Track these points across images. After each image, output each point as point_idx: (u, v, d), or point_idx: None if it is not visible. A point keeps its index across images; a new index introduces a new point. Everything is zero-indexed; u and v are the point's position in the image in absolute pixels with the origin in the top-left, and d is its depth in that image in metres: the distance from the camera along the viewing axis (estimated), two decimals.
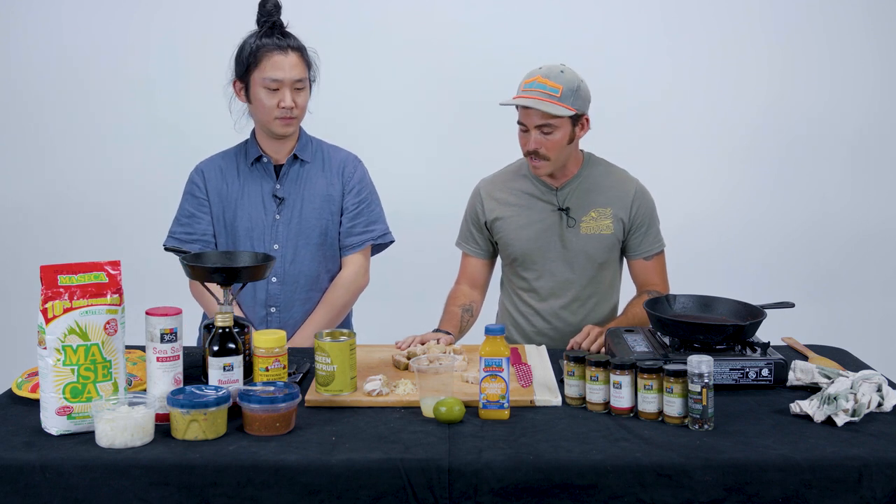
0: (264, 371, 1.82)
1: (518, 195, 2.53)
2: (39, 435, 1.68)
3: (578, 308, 2.51)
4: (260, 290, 2.44)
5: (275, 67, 2.33)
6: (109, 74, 3.60)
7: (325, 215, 2.47)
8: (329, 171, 2.50)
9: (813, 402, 1.76)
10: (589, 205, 2.47)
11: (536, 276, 2.52)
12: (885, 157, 3.72)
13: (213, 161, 2.51)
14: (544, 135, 2.35)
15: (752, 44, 3.63)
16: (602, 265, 2.49)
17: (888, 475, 1.55)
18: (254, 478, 1.54)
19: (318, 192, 2.47)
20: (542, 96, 2.31)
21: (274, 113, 2.36)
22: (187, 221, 2.46)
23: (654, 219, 2.52)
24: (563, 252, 2.48)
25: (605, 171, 2.51)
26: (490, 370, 1.75)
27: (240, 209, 2.45)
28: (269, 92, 2.35)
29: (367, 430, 1.70)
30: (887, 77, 3.67)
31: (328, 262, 2.50)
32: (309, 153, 2.49)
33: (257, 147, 2.47)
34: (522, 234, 2.51)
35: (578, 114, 2.36)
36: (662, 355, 1.95)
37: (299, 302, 2.47)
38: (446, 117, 3.66)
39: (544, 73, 2.35)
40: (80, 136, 3.64)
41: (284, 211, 2.45)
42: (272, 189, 2.46)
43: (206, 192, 2.47)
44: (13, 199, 3.66)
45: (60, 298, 1.66)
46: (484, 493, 1.54)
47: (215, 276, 1.94)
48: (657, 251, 2.52)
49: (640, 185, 2.50)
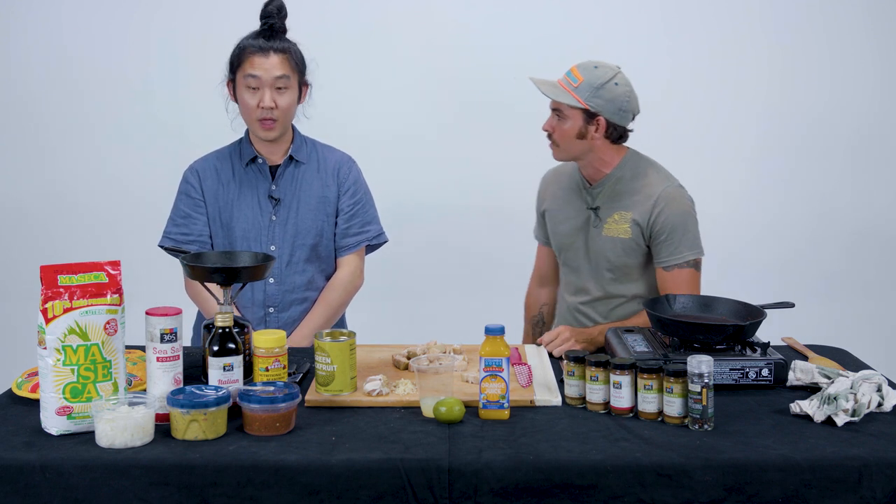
0: (264, 371, 1.82)
1: (564, 189, 2.56)
2: (39, 435, 1.68)
3: (601, 308, 2.49)
4: (258, 291, 2.45)
5: (254, 66, 2.34)
6: (109, 74, 3.59)
7: (321, 216, 2.48)
8: (324, 172, 2.50)
9: (813, 402, 1.76)
10: (615, 206, 2.43)
11: (568, 270, 2.57)
12: (886, 156, 3.72)
13: (208, 161, 2.51)
14: (557, 119, 2.39)
15: (752, 44, 3.63)
16: (623, 269, 2.44)
17: (888, 475, 1.55)
18: (254, 478, 1.54)
19: (313, 193, 2.47)
20: (562, 82, 2.37)
21: (255, 114, 2.36)
22: (183, 222, 2.46)
23: (678, 229, 2.35)
24: (586, 251, 2.49)
25: (639, 172, 2.42)
26: (490, 370, 1.75)
27: (236, 210, 2.44)
28: (250, 91, 2.36)
29: (367, 430, 1.70)
30: (887, 77, 3.67)
31: (323, 262, 2.51)
32: (304, 154, 2.49)
33: (252, 147, 2.47)
34: (560, 229, 2.55)
35: (592, 112, 2.34)
36: (662, 355, 1.95)
37: (296, 302, 2.47)
38: (446, 117, 3.66)
39: (580, 64, 2.38)
40: (80, 136, 3.63)
41: (280, 212, 2.45)
42: (268, 190, 2.46)
43: (201, 192, 2.46)
44: (13, 199, 3.66)
45: (60, 298, 1.66)
46: (484, 493, 1.54)
47: (215, 276, 1.94)
48: (676, 263, 2.36)
49: (669, 192, 2.37)
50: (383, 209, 2.64)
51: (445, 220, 3.68)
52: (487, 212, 3.67)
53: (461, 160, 3.65)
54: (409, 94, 3.63)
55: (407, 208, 3.63)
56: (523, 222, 3.65)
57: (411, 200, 3.62)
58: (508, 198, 3.65)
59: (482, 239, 3.69)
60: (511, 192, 3.65)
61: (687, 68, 3.59)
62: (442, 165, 3.63)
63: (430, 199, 3.64)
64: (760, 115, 3.67)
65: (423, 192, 3.64)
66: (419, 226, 3.65)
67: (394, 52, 3.61)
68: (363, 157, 2.62)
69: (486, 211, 3.67)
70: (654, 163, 2.48)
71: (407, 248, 3.65)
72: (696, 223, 2.40)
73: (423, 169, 3.63)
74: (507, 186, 3.65)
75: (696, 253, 2.38)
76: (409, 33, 3.60)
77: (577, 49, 3.45)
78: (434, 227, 3.67)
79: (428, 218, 3.66)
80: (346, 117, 3.56)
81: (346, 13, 3.61)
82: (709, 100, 3.64)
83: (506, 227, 3.68)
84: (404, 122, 3.62)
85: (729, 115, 3.66)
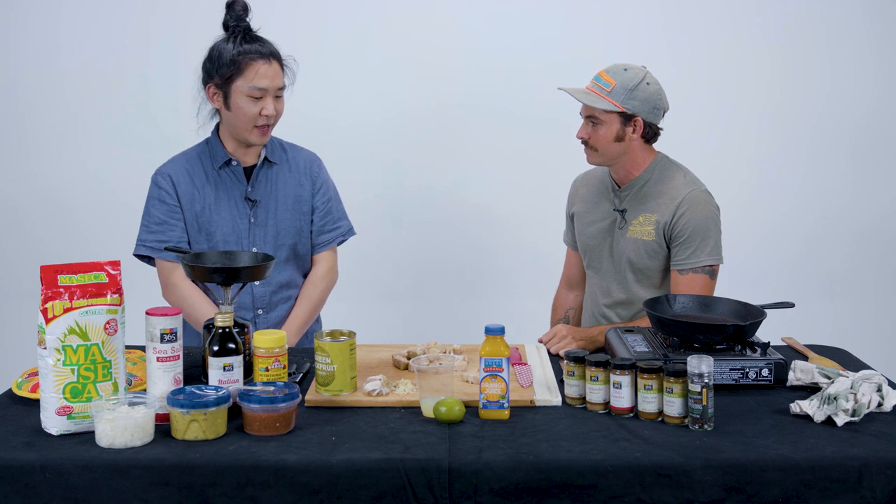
0: (264, 371, 1.82)
1: (593, 192, 2.57)
2: (39, 435, 1.68)
3: (623, 312, 2.49)
4: (245, 294, 2.44)
5: (260, 76, 2.30)
6: (108, 75, 3.59)
7: (298, 216, 2.48)
8: (296, 171, 2.50)
9: (813, 402, 1.76)
10: (641, 209, 2.43)
11: (592, 272, 2.58)
12: (886, 156, 3.71)
13: (178, 164, 2.45)
14: (592, 126, 2.39)
15: (753, 45, 3.63)
16: (645, 272, 2.44)
17: (888, 475, 1.55)
18: (254, 478, 1.54)
19: (289, 193, 2.48)
20: (595, 89, 2.38)
21: (255, 121, 2.33)
22: (159, 229, 2.40)
23: (697, 234, 2.34)
24: (610, 253, 2.49)
25: (666, 176, 2.43)
26: (490, 370, 1.75)
27: (214, 214, 2.42)
28: (251, 100, 2.32)
29: (367, 430, 1.70)
30: (888, 77, 3.66)
31: (300, 260, 2.53)
32: (277, 155, 2.49)
33: (223, 149, 2.43)
34: (587, 231, 2.56)
35: (629, 114, 2.35)
36: (662, 355, 1.95)
37: (281, 301, 2.49)
38: (446, 117, 3.66)
39: (608, 68, 2.39)
40: (79, 136, 3.63)
41: (259, 214, 2.44)
42: (243, 192, 2.44)
43: (176, 197, 2.41)
44: (13, 200, 3.66)
45: (60, 298, 1.66)
46: (484, 493, 1.54)
47: (215, 276, 1.94)
48: (691, 267, 2.35)
49: (693, 195, 2.37)
50: (383, 209, 2.64)
51: (445, 220, 3.67)
52: (487, 212, 3.67)
53: (461, 160, 3.64)
54: (410, 94, 3.63)
55: (406, 208, 3.63)
56: (524, 222, 3.68)
57: (411, 200, 3.62)
58: (508, 198, 3.66)
59: (482, 239, 3.69)
60: (511, 192, 3.66)
61: (687, 70, 3.58)
62: (442, 165, 3.63)
63: (429, 199, 3.63)
64: (761, 115, 3.67)
65: (422, 192, 3.64)
66: (419, 226, 3.65)
67: (391, 53, 3.60)
68: (363, 156, 2.63)
69: (485, 211, 3.67)
70: (683, 167, 2.48)
71: (407, 248, 3.65)
72: (719, 230, 2.39)
73: (423, 169, 3.63)
74: (507, 186, 3.65)
75: (714, 260, 2.37)
76: (406, 33, 3.59)
77: (578, 49, 3.48)
78: (434, 227, 3.67)
79: (428, 218, 3.66)
80: (346, 117, 3.56)
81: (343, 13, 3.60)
82: (709, 100, 3.64)
83: (506, 228, 3.69)
84: (404, 122, 3.62)
85: (729, 116, 3.66)
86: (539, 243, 3.45)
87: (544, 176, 3.43)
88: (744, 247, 3.75)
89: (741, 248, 3.76)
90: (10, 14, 3.58)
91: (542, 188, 3.42)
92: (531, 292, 3.31)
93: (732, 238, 3.73)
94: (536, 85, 3.47)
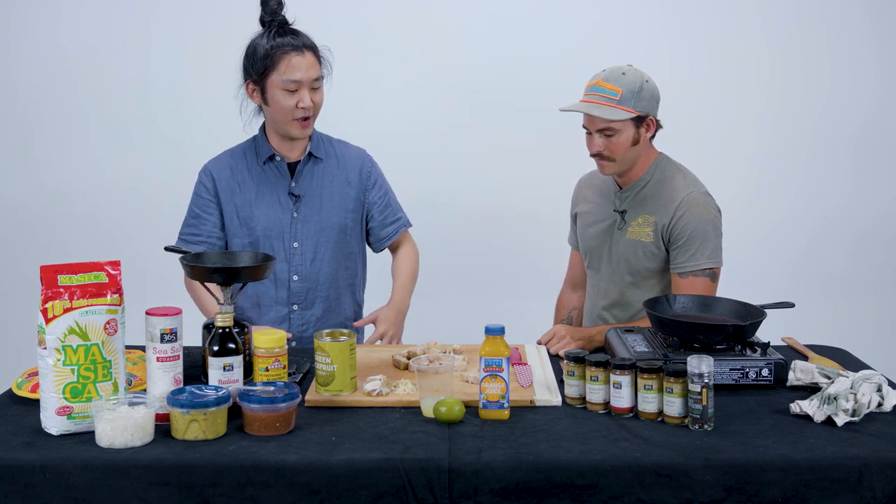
0: (264, 371, 1.82)
1: (596, 193, 2.56)
2: (39, 435, 1.68)
3: (619, 313, 2.49)
4: (282, 288, 2.44)
5: (293, 68, 2.30)
6: (109, 75, 3.59)
7: (343, 213, 2.48)
8: (345, 168, 2.51)
9: (813, 402, 1.76)
10: (640, 210, 2.42)
11: (592, 273, 2.58)
12: (886, 157, 3.71)
13: (222, 161, 2.49)
14: (607, 138, 2.33)
15: (753, 45, 3.63)
16: (642, 274, 2.43)
17: (888, 475, 1.55)
18: (254, 478, 1.54)
19: (336, 189, 2.48)
20: (601, 100, 2.31)
21: (293, 114, 2.34)
22: (193, 222, 2.46)
23: (697, 236, 2.32)
24: (609, 254, 2.49)
25: (666, 177, 2.41)
26: (490, 370, 1.75)
27: (256, 209, 2.44)
28: (287, 93, 2.32)
29: (367, 430, 1.70)
30: (888, 78, 3.66)
31: (346, 259, 2.51)
32: (322, 150, 2.49)
33: (268, 145, 2.45)
34: (588, 232, 2.55)
35: (641, 115, 2.33)
36: (662, 355, 1.95)
37: (320, 299, 2.48)
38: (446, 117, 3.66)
39: (605, 76, 2.34)
40: (79, 136, 3.63)
41: (302, 209, 2.45)
42: (287, 187, 2.45)
43: (213, 192, 2.45)
44: (13, 199, 3.66)
45: (60, 298, 1.66)
46: (484, 493, 1.54)
47: (215, 276, 1.94)
48: (691, 270, 2.33)
49: (693, 197, 2.35)
50: None
51: (445, 220, 3.67)
52: (487, 212, 3.67)
53: (461, 160, 3.64)
54: (410, 93, 3.63)
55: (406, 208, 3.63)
56: (523, 222, 3.67)
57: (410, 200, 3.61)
58: (508, 198, 3.66)
59: (482, 239, 3.69)
60: (511, 191, 3.66)
61: (687, 70, 3.58)
62: (441, 166, 3.63)
63: (429, 199, 3.63)
64: (761, 115, 3.67)
65: (422, 193, 3.63)
66: (419, 226, 3.63)
67: (396, 52, 3.61)
68: None
69: (486, 211, 3.67)
70: (683, 168, 2.46)
71: None
72: (719, 233, 2.37)
73: (423, 169, 3.62)
74: (507, 186, 3.65)
75: (714, 262, 2.35)
76: (412, 32, 3.60)
77: (578, 49, 3.48)
78: (434, 227, 3.67)
79: (428, 218, 3.65)
80: (345, 117, 3.55)
81: (348, 12, 3.61)
82: (709, 101, 3.64)
83: (506, 227, 3.69)
84: (404, 122, 3.62)
85: (729, 116, 3.66)
86: (539, 243, 3.46)
87: (545, 176, 3.42)
88: (744, 247, 3.75)
89: (741, 249, 3.75)
90: (10, 14, 3.59)
91: (543, 188, 3.41)
92: (531, 292, 3.31)
93: (732, 238, 3.73)
94: (539, 85, 3.47)
